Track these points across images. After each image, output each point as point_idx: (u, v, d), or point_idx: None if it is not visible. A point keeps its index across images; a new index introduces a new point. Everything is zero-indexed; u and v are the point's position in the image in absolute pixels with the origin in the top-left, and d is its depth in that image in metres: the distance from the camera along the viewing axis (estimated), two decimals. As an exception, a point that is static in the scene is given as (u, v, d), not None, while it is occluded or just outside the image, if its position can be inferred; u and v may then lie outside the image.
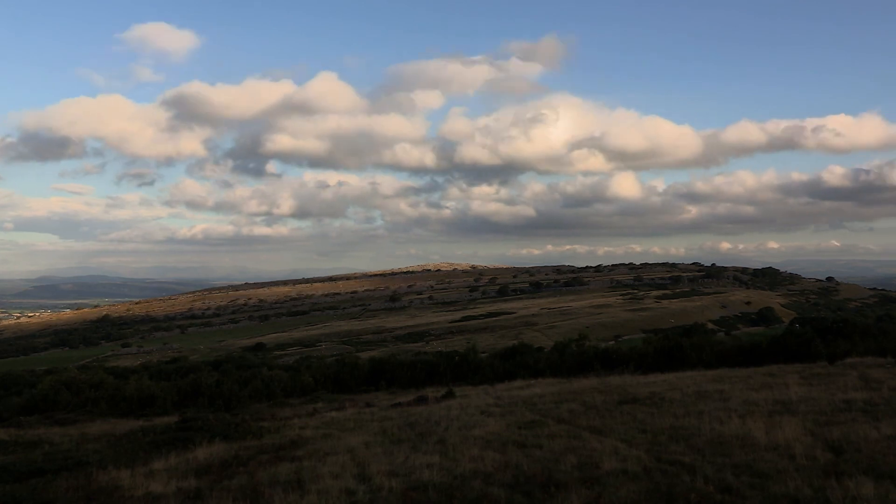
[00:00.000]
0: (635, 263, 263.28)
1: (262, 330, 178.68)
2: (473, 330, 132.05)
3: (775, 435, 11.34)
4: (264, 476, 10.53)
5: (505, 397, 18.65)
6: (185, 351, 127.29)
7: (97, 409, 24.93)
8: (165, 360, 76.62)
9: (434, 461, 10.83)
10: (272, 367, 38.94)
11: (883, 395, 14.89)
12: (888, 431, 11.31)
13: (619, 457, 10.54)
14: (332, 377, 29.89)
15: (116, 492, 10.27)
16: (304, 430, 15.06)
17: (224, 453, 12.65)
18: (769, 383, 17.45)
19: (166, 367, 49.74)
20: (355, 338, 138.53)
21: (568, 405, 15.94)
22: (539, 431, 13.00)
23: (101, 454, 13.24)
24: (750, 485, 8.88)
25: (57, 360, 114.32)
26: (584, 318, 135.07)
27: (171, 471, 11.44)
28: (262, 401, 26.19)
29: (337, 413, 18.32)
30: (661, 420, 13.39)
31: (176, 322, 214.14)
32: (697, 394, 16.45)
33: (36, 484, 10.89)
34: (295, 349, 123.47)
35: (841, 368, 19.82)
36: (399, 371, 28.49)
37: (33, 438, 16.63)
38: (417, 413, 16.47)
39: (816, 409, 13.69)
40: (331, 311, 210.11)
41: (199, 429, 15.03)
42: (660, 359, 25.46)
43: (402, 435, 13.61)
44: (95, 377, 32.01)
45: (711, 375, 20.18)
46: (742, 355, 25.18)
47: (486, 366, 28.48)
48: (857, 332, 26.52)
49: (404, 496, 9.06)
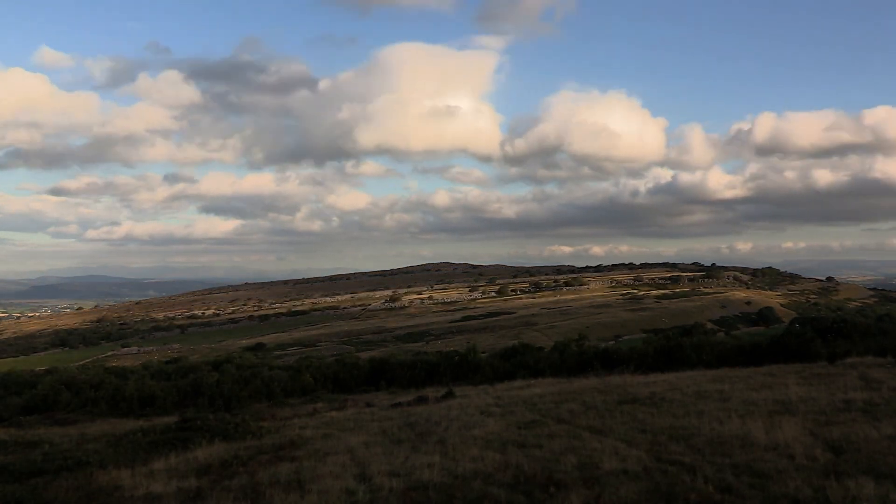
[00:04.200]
0: (635, 263, 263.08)
1: (262, 330, 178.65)
2: (473, 330, 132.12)
3: (775, 435, 11.34)
4: (264, 476, 10.53)
5: (505, 397, 18.65)
6: (185, 351, 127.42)
7: (97, 409, 24.97)
8: (165, 361, 76.63)
9: (434, 461, 10.83)
10: (272, 367, 38.93)
11: (883, 395, 14.90)
12: (888, 431, 11.32)
13: (619, 457, 10.54)
14: (332, 377, 29.93)
15: (117, 492, 10.27)
16: (305, 430, 15.07)
17: (224, 453, 12.65)
18: (769, 383, 17.45)
19: (166, 368, 49.76)
20: (355, 338, 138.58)
21: (568, 405, 15.94)
22: (539, 431, 13.00)
23: (101, 454, 13.24)
24: (750, 485, 8.88)
25: (57, 360, 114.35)
26: (584, 318, 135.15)
27: (172, 471, 11.45)
28: (262, 401, 26.23)
29: (337, 413, 18.33)
30: (661, 420, 13.40)
31: (176, 322, 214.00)
32: (697, 394, 16.45)
33: (36, 484, 10.89)
34: (295, 349, 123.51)
35: (841, 368, 19.81)
36: (399, 371, 28.52)
37: (33, 438, 16.63)
38: (417, 413, 16.48)
39: (816, 409, 13.70)
40: (331, 311, 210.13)
41: (199, 429, 15.04)
42: (660, 359, 25.47)
43: (402, 435, 13.62)
44: (95, 377, 32.10)
45: (711, 375, 20.17)
46: (742, 355, 25.18)
47: (486, 366, 28.49)
48: (857, 332, 26.56)
49: (404, 496, 9.06)
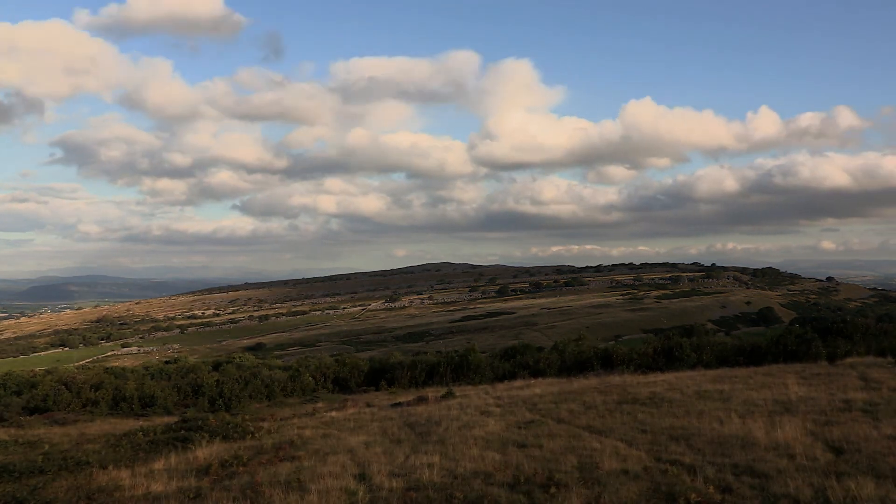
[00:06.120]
0: (635, 263, 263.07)
1: (262, 330, 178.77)
2: (473, 330, 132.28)
3: (775, 435, 11.34)
4: (264, 476, 10.54)
5: (505, 397, 18.64)
6: (185, 351, 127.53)
7: (97, 409, 24.97)
8: (165, 360, 76.68)
9: (434, 461, 10.84)
10: (272, 367, 38.97)
11: (883, 395, 14.89)
12: (888, 431, 11.32)
13: (619, 457, 10.54)
14: (332, 377, 29.91)
15: (117, 491, 10.28)
16: (304, 430, 15.08)
17: (224, 453, 12.66)
18: (769, 383, 17.44)
19: (166, 368, 49.83)
20: (355, 338, 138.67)
21: (568, 405, 15.94)
22: (539, 431, 13.00)
23: (101, 454, 13.25)
24: (750, 485, 8.88)
25: (57, 360, 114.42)
26: (584, 318, 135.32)
27: (172, 471, 11.46)
28: (262, 401, 26.23)
29: (337, 413, 18.32)
30: (661, 420, 13.39)
31: (176, 322, 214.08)
32: (697, 394, 16.44)
33: (36, 484, 10.89)
34: (295, 349, 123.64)
35: (841, 368, 19.79)
36: (399, 371, 28.48)
37: (33, 438, 16.64)
38: (417, 413, 16.47)
39: (817, 409, 13.69)
40: (331, 311, 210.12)
41: (199, 429, 15.05)
42: (660, 359, 25.45)
43: (402, 435, 13.62)
44: (95, 377, 32.12)
45: (711, 375, 20.15)
46: (742, 355, 25.15)
47: (486, 366, 28.45)
48: (857, 332, 26.45)
49: (404, 496, 9.06)
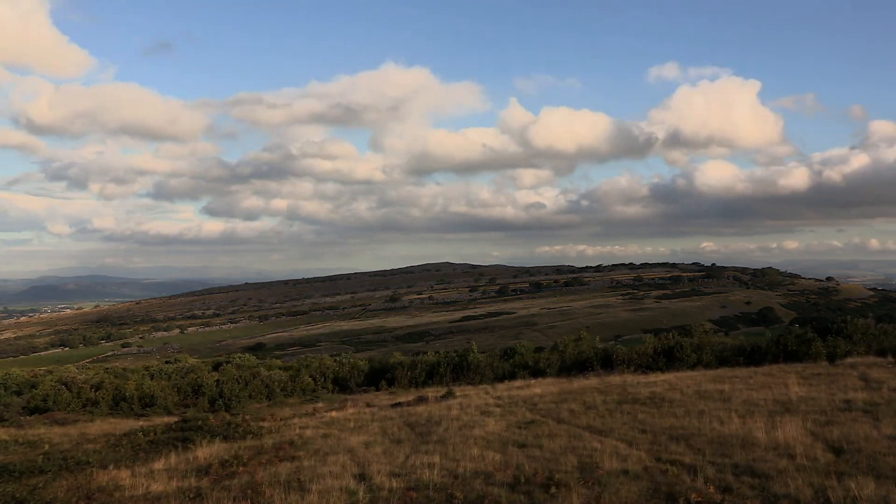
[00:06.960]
0: (635, 263, 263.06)
1: (262, 330, 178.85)
2: (473, 330, 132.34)
3: (776, 435, 11.34)
4: (264, 476, 10.54)
5: (505, 397, 18.65)
6: (185, 351, 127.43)
7: (97, 409, 24.98)
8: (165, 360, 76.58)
9: (434, 461, 10.84)
10: (272, 368, 38.91)
11: (883, 395, 14.89)
12: (889, 431, 11.32)
13: (619, 457, 10.54)
14: (332, 377, 29.91)
15: (117, 491, 10.28)
16: (305, 430, 15.08)
17: (224, 453, 12.66)
18: (769, 383, 17.44)
19: (166, 368, 49.72)
20: (355, 338, 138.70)
21: (568, 405, 15.94)
22: (539, 431, 13.00)
23: (101, 454, 13.25)
24: (750, 485, 8.88)
25: (57, 360, 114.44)
26: (584, 318, 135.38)
27: (172, 471, 11.46)
28: (262, 401, 26.23)
29: (337, 413, 18.31)
30: (661, 420, 13.39)
31: (176, 322, 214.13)
32: (697, 394, 16.44)
33: (36, 484, 10.89)
34: (295, 349, 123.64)
35: (841, 368, 19.79)
36: (399, 371, 28.47)
37: (33, 438, 16.65)
38: (417, 413, 16.47)
39: (817, 409, 13.69)
40: (331, 311, 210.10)
41: (199, 429, 15.05)
42: (660, 359, 25.42)
43: (403, 435, 13.63)
44: (95, 377, 32.12)
45: (711, 375, 20.16)
46: (742, 355, 25.13)
47: (486, 366, 28.42)
48: (857, 332, 26.39)
49: (405, 496, 9.06)
